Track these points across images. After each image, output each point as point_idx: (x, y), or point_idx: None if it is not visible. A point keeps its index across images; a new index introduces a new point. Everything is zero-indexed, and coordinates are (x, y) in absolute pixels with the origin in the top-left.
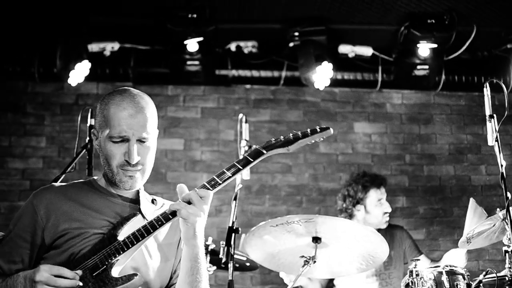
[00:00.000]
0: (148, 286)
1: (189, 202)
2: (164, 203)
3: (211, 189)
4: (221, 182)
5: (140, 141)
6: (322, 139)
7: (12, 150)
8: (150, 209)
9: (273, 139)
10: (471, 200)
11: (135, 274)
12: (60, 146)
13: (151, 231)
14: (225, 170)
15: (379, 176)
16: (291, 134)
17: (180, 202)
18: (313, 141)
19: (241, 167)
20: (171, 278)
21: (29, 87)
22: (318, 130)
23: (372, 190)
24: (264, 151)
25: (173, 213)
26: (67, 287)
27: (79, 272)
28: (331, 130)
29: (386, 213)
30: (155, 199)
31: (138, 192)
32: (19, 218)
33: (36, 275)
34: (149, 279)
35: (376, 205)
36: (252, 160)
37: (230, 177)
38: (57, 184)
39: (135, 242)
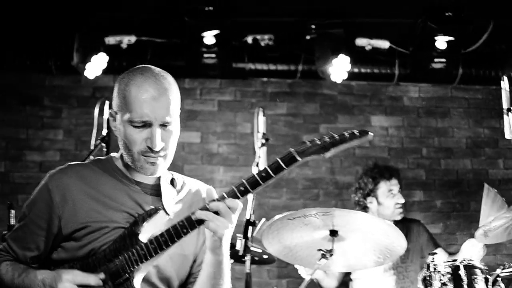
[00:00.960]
0: (169, 282)
1: (216, 212)
2: (184, 181)
3: (241, 197)
4: (251, 191)
5: (163, 125)
6: (358, 144)
7: (29, 143)
8: (171, 198)
9: (308, 142)
10: (486, 186)
11: None
12: (77, 139)
13: (175, 239)
14: (256, 176)
15: (390, 168)
16: (327, 138)
17: (208, 213)
18: (350, 147)
19: (273, 175)
20: (191, 267)
21: (46, 80)
22: (358, 134)
23: (382, 181)
24: (299, 158)
25: (200, 221)
26: None
27: (102, 276)
28: (371, 134)
29: (398, 204)
30: (174, 179)
31: (158, 177)
32: (34, 203)
33: (58, 284)
34: (169, 275)
35: (388, 196)
36: (285, 167)
37: (261, 185)
38: (74, 164)
39: (158, 251)
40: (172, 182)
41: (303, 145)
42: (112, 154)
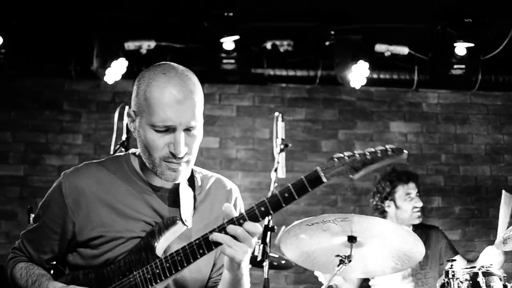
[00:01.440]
0: None
1: (234, 236)
2: (205, 177)
3: (261, 219)
4: (272, 213)
5: (188, 129)
6: (391, 163)
7: (48, 147)
8: (190, 203)
9: (337, 159)
10: (504, 193)
11: None
12: (96, 144)
13: (191, 260)
14: (278, 195)
15: (408, 172)
16: (358, 156)
17: (225, 236)
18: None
19: (296, 197)
20: (210, 271)
21: (66, 85)
22: (390, 153)
23: (400, 185)
24: (325, 180)
25: (217, 244)
26: None
27: None
28: (405, 154)
29: (416, 207)
30: (194, 177)
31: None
32: (48, 206)
33: None
34: (187, 284)
35: (406, 200)
36: (310, 189)
37: (282, 207)
38: (89, 163)
39: (173, 271)
40: (192, 181)
41: (330, 163)
42: (132, 150)
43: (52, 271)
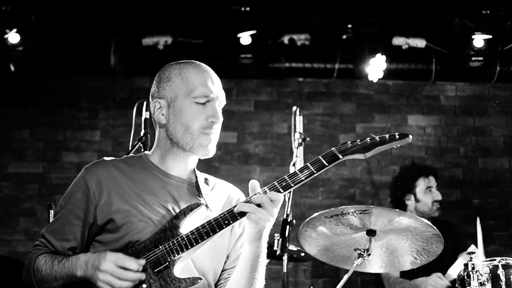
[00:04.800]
0: (204, 275)
1: (258, 205)
2: (215, 183)
3: (282, 191)
4: (292, 185)
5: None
6: (398, 146)
7: (67, 144)
8: (208, 194)
9: (350, 142)
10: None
11: (200, 278)
12: (114, 140)
13: (217, 230)
14: (298, 172)
15: (428, 166)
16: (368, 139)
17: (250, 204)
18: (389, 148)
19: (315, 171)
20: (225, 263)
21: (83, 82)
22: (397, 137)
23: (421, 178)
24: (340, 156)
25: (241, 214)
26: (132, 279)
27: (143, 261)
28: (410, 137)
29: (436, 201)
30: (207, 178)
31: (193, 171)
32: (71, 195)
33: (102, 263)
34: (205, 270)
35: (426, 193)
36: (327, 164)
37: (302, 180)
38: (109, 158)
39: (199, 241)
40: (206, 181)
41: (344, 145)
42: (145, 152)
43: None
